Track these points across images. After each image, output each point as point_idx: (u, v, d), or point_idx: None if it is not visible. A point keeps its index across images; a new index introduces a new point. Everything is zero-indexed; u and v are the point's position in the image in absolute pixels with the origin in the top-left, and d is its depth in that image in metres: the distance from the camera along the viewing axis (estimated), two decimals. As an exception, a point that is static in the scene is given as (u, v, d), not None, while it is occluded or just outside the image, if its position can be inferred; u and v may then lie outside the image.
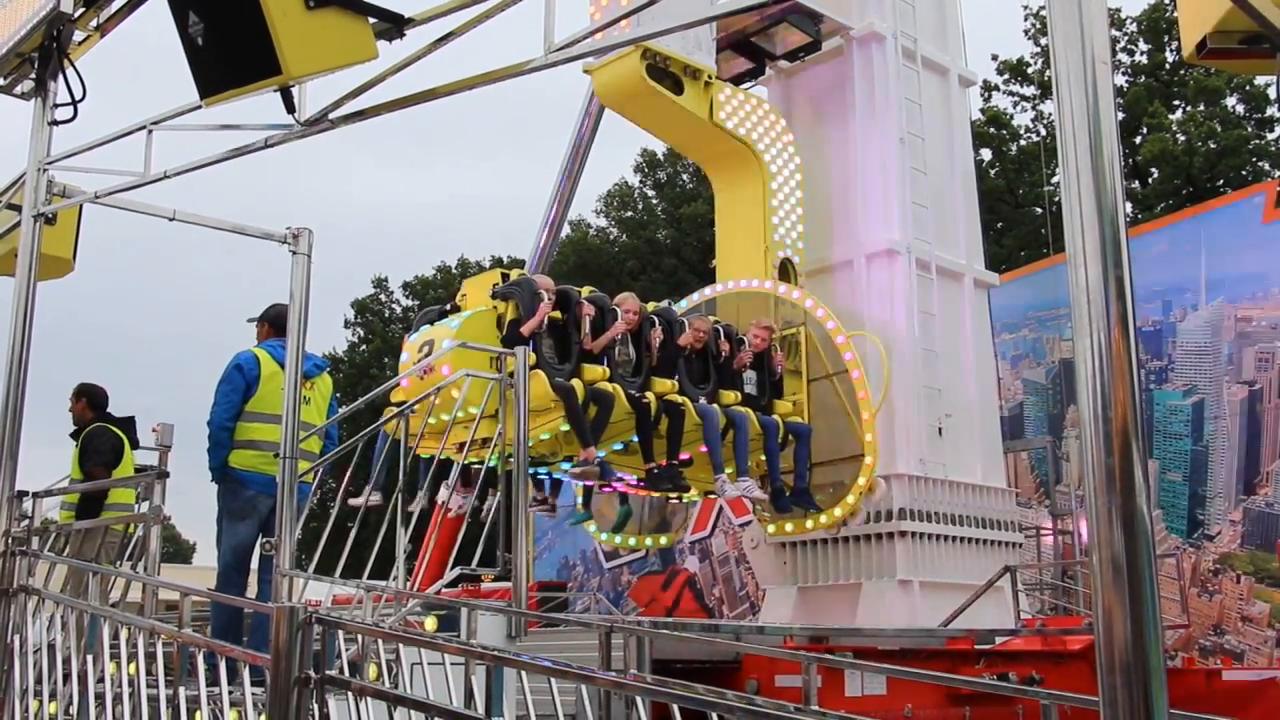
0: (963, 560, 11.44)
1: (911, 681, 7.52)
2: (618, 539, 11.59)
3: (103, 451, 8.76)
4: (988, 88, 31.18)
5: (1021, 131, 32.07)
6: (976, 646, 9.26)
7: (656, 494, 10.10)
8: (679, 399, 9.46)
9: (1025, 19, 30.98)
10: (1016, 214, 31.02)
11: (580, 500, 11.18)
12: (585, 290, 9.77)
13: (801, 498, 10.34)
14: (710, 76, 11.31)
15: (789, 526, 10.91)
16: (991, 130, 30.98)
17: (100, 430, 8.86)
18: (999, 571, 11.02)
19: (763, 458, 10.21)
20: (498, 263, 46.96)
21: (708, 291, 11.83)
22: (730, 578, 20.58)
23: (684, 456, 9.59)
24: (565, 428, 8.81)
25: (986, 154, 31.06)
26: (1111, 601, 2.24)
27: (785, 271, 11.56)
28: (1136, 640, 2.19)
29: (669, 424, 9.37)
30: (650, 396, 9.33)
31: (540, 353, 8.76)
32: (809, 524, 10.61)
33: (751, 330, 10.35)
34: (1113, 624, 2.22)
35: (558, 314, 9.15)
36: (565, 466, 9.18)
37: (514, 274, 9.50)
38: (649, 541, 11.70)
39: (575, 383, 8.83)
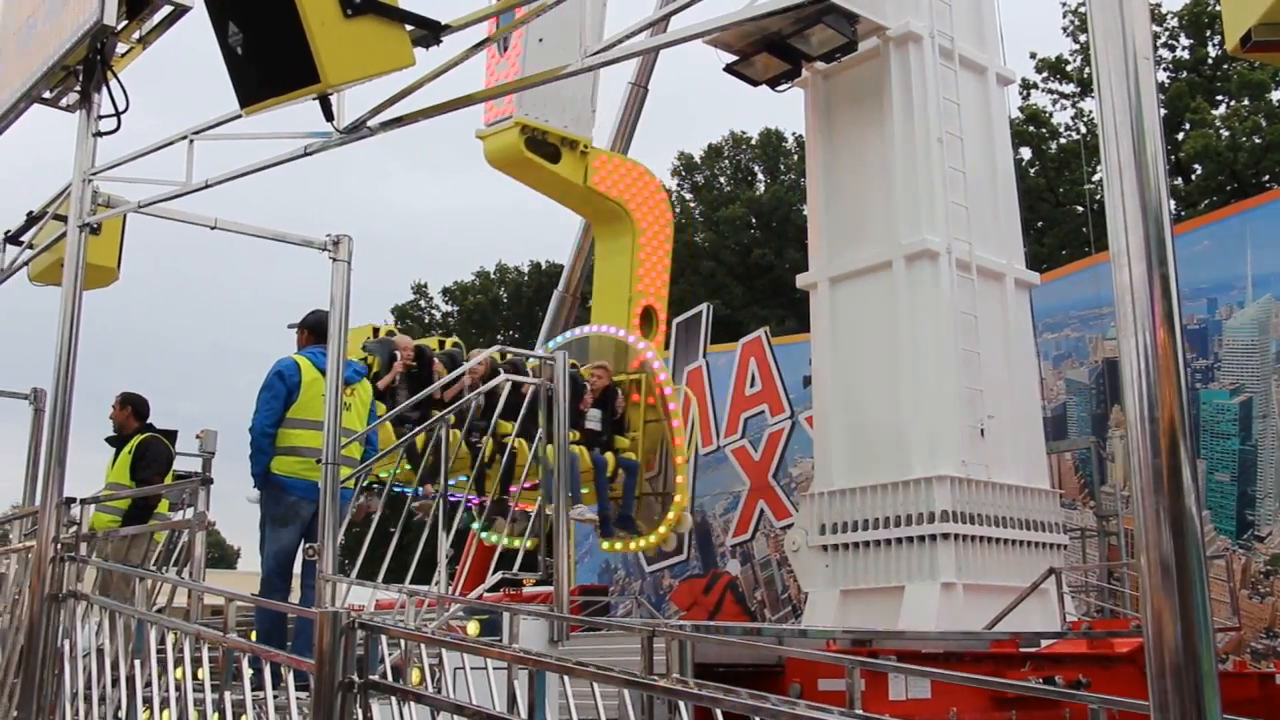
0: (1007, 562, 11.35)
1: (956, 685, 7.45)
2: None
3: (160, 461, 8.96)
4: (1026, 86, 30.97)
5: (1061, 129, 31.84)
6: (1022, 650, 9.18)
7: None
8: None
9: (1064, 15, 30.76)
10: (1057, 212, 30.79)
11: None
12: (449, 342, 11.60)
13: (625, 523, 11.61)
14: (586, 146, 12.76)
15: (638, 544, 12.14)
16: (1031, 128, 30.77)
17: (155, 440, 9.04)
18: (1044, 574, 10.92)
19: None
20: (535, 267, 47.06)
21: (577, 332, 13.16)
22: (772, 581, 20.52)
23: (513, 489, 10.66)
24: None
25: (1026, 153, 30.84)
26: (1161, 604, 2.21)
27: (648, 317, 13.00)
28: (1187, 643, 2.15)
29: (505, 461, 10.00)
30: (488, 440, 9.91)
31: (397, 402, 10.03)
32: (632, 545, 12.01)
33: (592, 372, 11.43)
34: (1163, 627, 2.19)
35: (414, 365, 10.58)
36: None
37: (383, 330, 11.13)
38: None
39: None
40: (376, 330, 10.76)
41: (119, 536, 7.84)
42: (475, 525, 11.24)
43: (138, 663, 5.45)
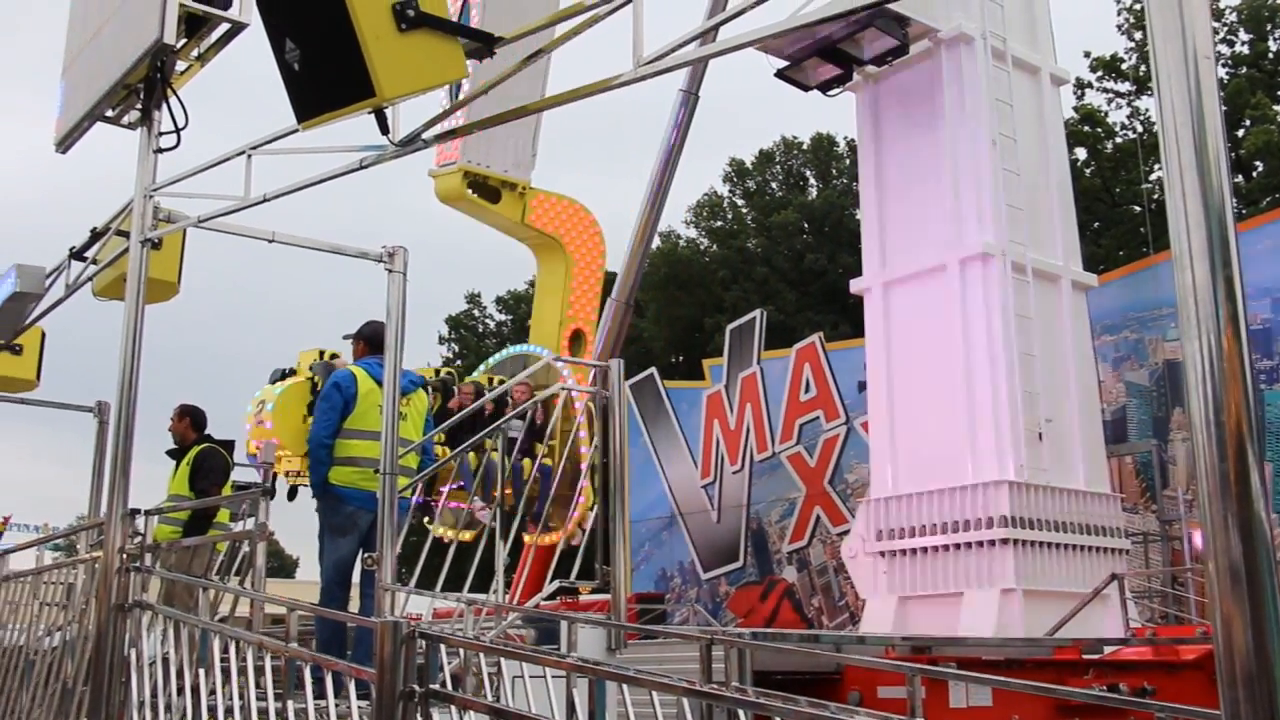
0: (1067, 568, 11.22)
1: (1018, 693, 7.38)
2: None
3: (218, 471, 9.09)
4: (1080, 85, 30.63)
5: (1117, 129, 31.45)
6: (1084, 656, 9.06)
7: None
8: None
9: (1118, 13, 30.40)
10: (1114, 213, 30.42)
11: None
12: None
13: (538, 519, 12.07)
14: (524, 187, 14.32)
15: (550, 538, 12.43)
16: (1086, 128, 30.43)
17: (214, 451, 9.17)
18: (1106, 579, 10.79)
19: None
20: (588, 276, 47.00)
21: (513, 351, 14.59)
22: (829, 587, 20.41)
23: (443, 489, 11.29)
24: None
25: (1081, 153, 30.51)
26: (1230, 610, 2.17)
27: (577, 337, 14.44)
28: (1259, 650, 2.12)
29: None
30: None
31: None
32: (545, 539, 12.36)
33: (515, 388, 12.19)
34: (1232, 634, 2.16)
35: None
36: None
37: (328, 354, 12.30)
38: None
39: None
40: (322, 353, 11.99)
41: (182, 547, 7.94)
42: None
43: (202, 671, 5.51)
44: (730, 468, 22.25)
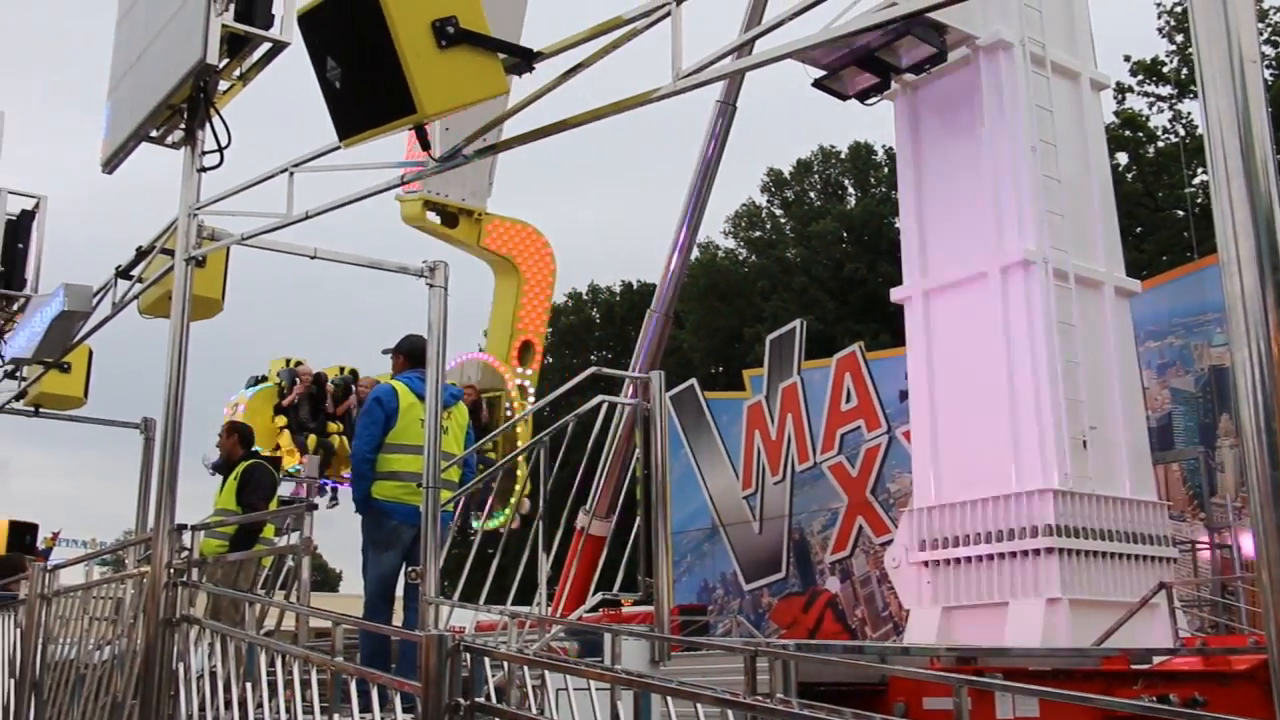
0: (1114, 577, 11.09)
1: (1066, 704, 7.30)
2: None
3: (264, 487, 9.20)
4: (1121, 90, 30.39)
5: (1159, 133, 31.18)
6: (1133, 667, 8.96)
7: None
8: None
9: (1159, 16, 30.15)
10: (1156, 218, 30.15)
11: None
12: (347, 369, 15.29)
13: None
14: (480, 214, 15.98)
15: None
16: (1127, 133, 30.19)
17: (260, 467, 9.27)
18: (1154, 588, 10.65)
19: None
20: (627, 288, 47.22)
21: (467, 357, 16.25)
22: (872, 598, 20.30)
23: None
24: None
25: (1123, 157, 30.26)
26: (1283, 620, 2.15)
27: (527, 348, 15.95)
28: (1314, 662, 2.09)
29: None
30: None
31: (300, 415, 13.84)
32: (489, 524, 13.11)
33: (465, 389, 13.09)
34: (1286, 644, 2.13)
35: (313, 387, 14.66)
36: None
37: (293, 362, 14.95)
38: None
39: None
40: (289, 361, 14.37)
41: (228, 562, 8.01)
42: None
43: (249, 685, 5.55)
44: (771, 478, 22.20)
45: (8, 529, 13.98)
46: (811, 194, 42.36)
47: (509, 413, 14.92)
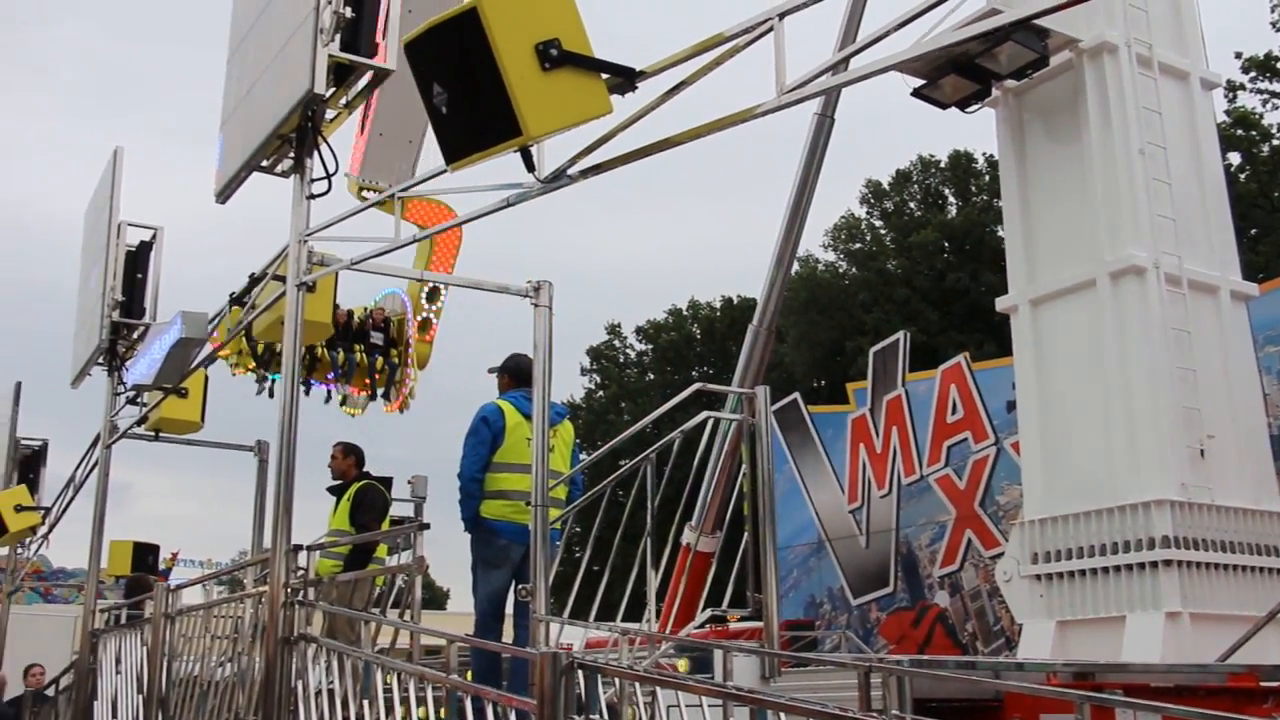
0: (1238, 590, 10.77)
1: (1190, 720, 7.09)
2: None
3: (378, 507, 9.36)
4: (1232, 87, 29.61)
5: (1273, 131, 30.30)
6: (1262, 684, 8.67)
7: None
8: None
9: (1272, 10, 29.33)
10: (1272, 219, 29.30)
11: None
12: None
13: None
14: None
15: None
16: (1239, 132, 29.41)
17: (373, 487, 9.44)
18: (1280, 601, 10.32)
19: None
20: (727, 303, 47.16)
21: (386, 291, 16.71)
22: (983, 612, 19.95)
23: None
24: None
25: (1235, 158, 29.46)
26: None
27: (434, 292, 16.31)
28: None
29: None
30: None
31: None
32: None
33: (376, 310, 15.38)
34: None
35: None
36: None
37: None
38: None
39: None
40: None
41: (343, 581, 8.16)
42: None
43: (366, 703, 5.65)
44: (877, 492, 21.97)
45: (132, 550, 14.39)
46: (911, 204, 41.92)
47: (410, 337, 16.07)
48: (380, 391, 15.43)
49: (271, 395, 13.82)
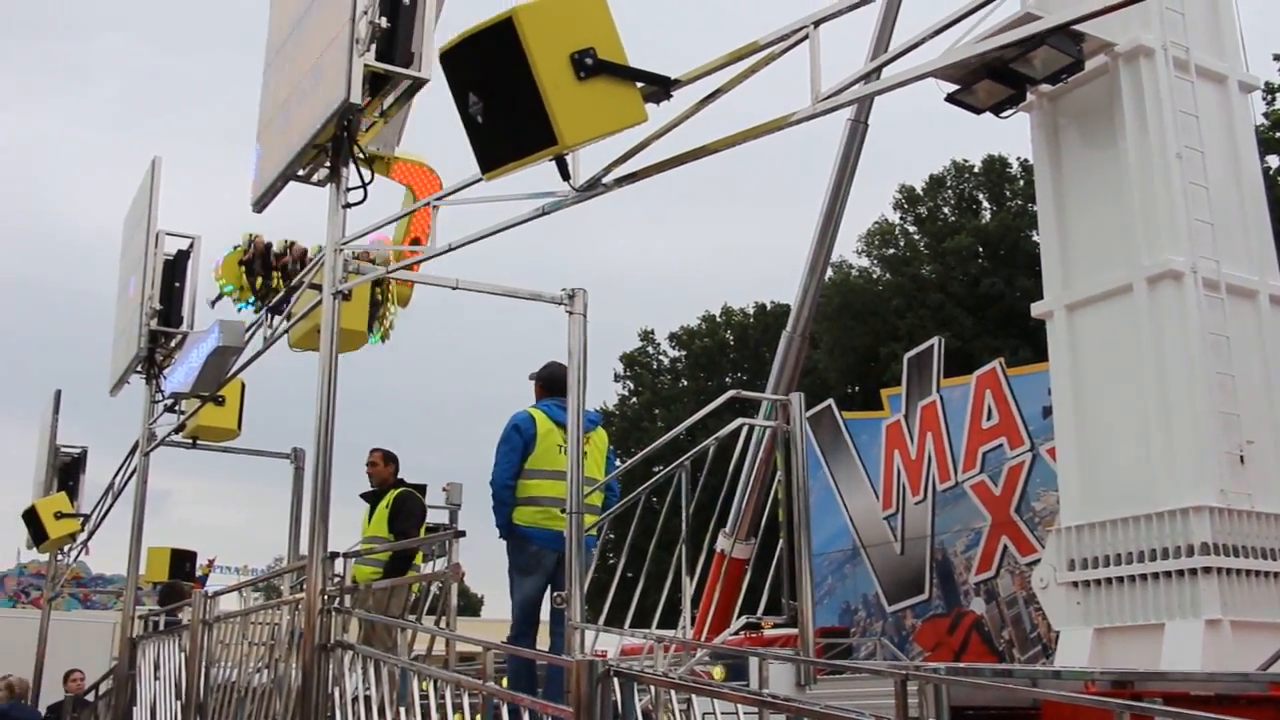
0: (1279, 597, 10.65)
1: (1234, 730, 7.02)
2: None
3: (417, 515, 9.45)
4: (1271, 90, 29.34)
5: (1312, 133, 29.99)
6: (1303, 691, 8.57)
7: None
8: None
9: (1309, 12, 29.04)
10: (1311, 222, 28.97)
11: None
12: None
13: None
14: (390, 158, 14.67)
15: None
16: (1278, 135, 29.11)
17: (412, 495, 9.52)
18: (1322, 609, 10.20)
19: None
20: (760, 309, 47.10)
21: (376, 236, 17.58)
22: (1019, 619, 19.80)
23: None
24: None
25: (1275, 160, 29.18)
26: None
27: (416, 240, 16.73)
28: None
29: None
30: None
31: (254, 266, 11.12)
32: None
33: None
34: None
35: None
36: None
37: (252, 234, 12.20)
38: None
39: None
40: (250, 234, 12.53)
41: (379, 588, 8.21)
42: None
43: (403, 709, 5.67)
44: (912, 498, 21.87)
45: (170, 557, 14.51)
46: (945, 209, 41.74)
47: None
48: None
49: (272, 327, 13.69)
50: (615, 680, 4.24)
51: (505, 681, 7.71)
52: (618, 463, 8.98)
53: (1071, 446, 11.88)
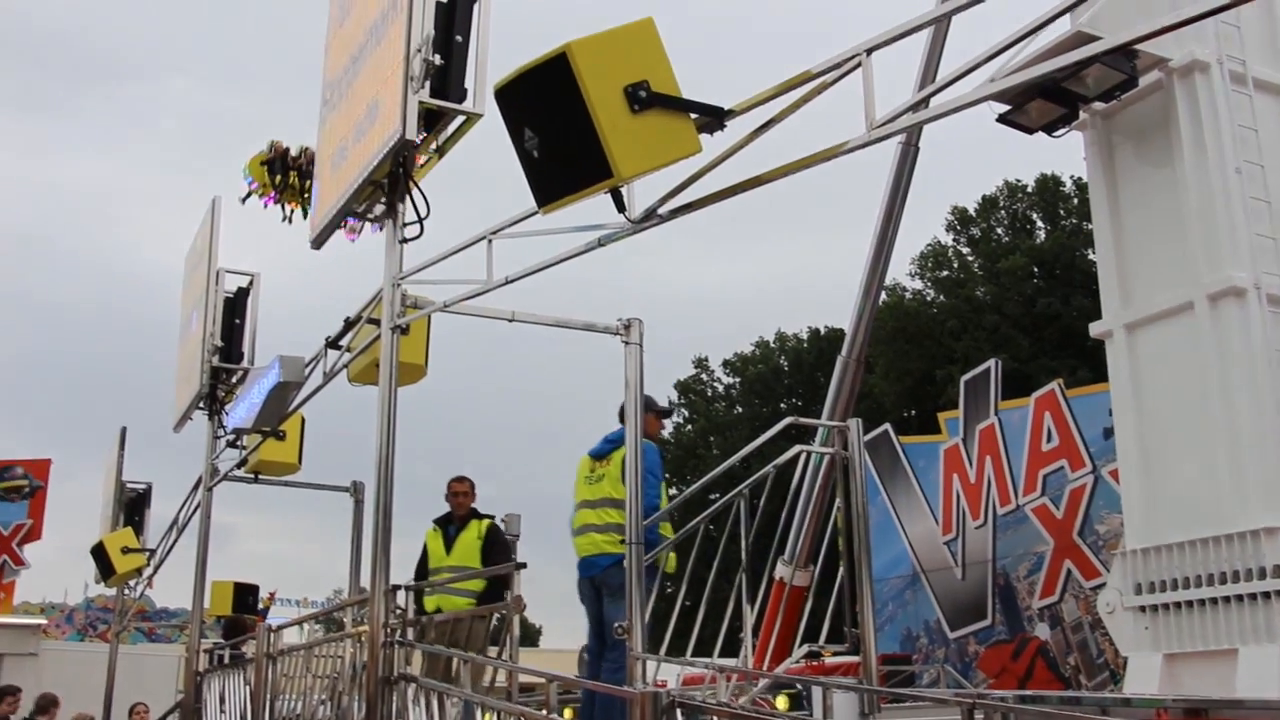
0: (1356, 620, 10.40)
1: (1310, 756, 6.88)
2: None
3: (508, 547, 9.64)
4: (1330, 102, 28.84)
5: (1375, 144, 29.47)
6: (1383, 717, 8.37)
7: None
8: None
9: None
10: (1376, 234, 28.44)
11: None
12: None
13: None
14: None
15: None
16: (1338, 147, 28.61)
17: (499, 528, 9.69)
18: (1405, 633, 9.94)
19: None
20: (814, 334, 46.91)
21: None
22: (1085, 645, 19.50)
23: None
24: None
25: (1336, 173, 28.65)
26: None
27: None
28: None
29: None
30: None
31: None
32: None
33: None
34: None
35: None
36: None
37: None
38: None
39: None
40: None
41: (440, 621, 8.23)
42: None
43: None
44: (972, 522, 21.64)
45: (233, 591, 14.65)
46: (999, 230, 41.41)
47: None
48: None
49: (290, 222, 13.64)
50: (678, 711, 4.23)
51: (566, 712, 7.72)
52: (673, 492, 8.99)
53: (1135, 468, 11.70)
